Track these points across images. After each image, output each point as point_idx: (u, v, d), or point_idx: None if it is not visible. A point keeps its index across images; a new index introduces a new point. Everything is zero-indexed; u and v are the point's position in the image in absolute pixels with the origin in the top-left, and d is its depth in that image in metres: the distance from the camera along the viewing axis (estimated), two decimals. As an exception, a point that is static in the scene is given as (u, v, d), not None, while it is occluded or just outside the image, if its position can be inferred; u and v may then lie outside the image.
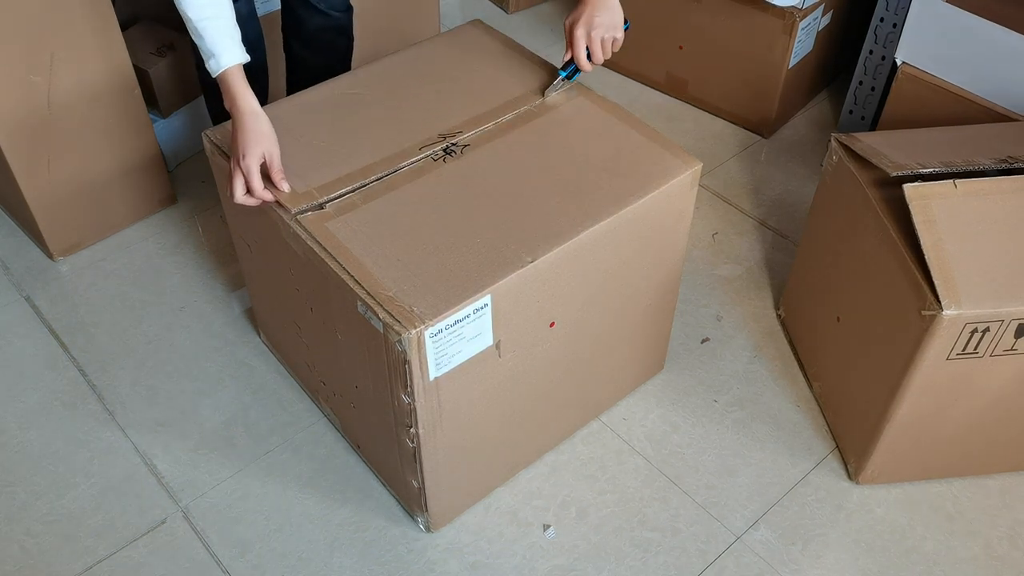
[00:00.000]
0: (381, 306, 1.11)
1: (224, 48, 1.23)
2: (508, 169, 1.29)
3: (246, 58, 1.25)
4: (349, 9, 1.69)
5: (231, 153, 1.25)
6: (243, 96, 1.24)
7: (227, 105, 1.25)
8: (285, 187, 1.25)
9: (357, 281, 1.14)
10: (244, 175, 1.23)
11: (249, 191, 1.24)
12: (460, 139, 1.32)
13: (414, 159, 1.29)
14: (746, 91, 2.11)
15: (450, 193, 1.25)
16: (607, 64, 2.32)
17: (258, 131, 1.24)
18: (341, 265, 1.16)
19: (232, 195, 1.24)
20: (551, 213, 1.23)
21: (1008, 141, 1.43)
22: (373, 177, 1.27)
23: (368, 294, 1.13)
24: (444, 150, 1.30)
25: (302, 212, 1.22)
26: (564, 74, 1.39)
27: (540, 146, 1.33)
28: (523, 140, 1.33)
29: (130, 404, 1.59)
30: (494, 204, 1.24)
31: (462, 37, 1.54)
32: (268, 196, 1.24)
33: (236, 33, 1.25)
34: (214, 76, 1.25)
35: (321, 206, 1.22)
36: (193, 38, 1.25)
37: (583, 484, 1.48)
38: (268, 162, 1.24)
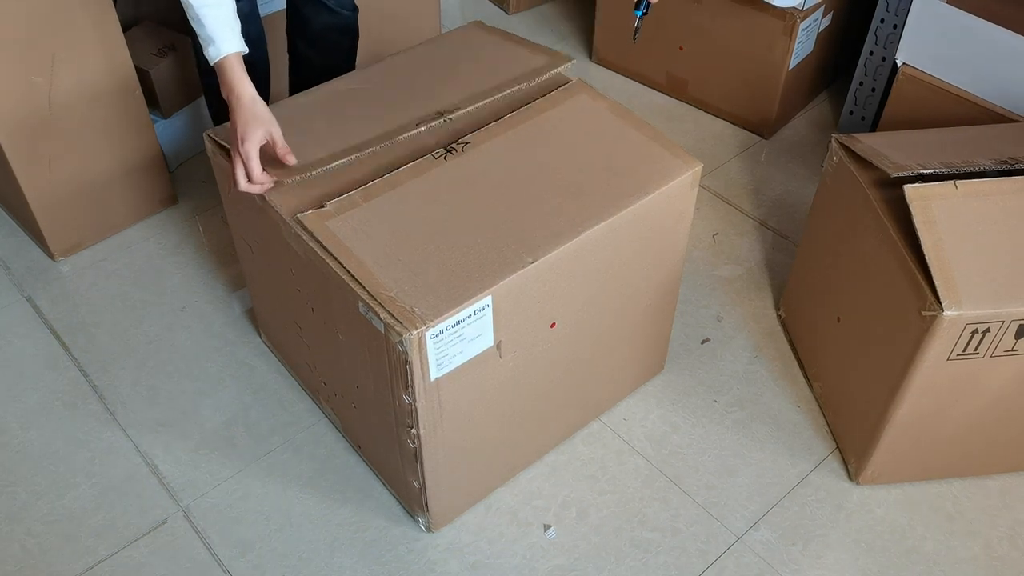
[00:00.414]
0: (382, 306, 1.12)
1: (224, 36, 1.23)
2: (509, 167, 1.29)
3: (245, 49, 1.25)
4: (356, 9, 1.69)
5: (230, 142, 1.25)
6: (241, 83, 1.24)
7: (224, 94, 1.25)
8: (291, 160, 1.24)
9: (358, 281, 1.14)
10: (243, 161, 1.22)
11: (249, 178, 1.23)
12: (457, 113, 1.31)
13: (416, 159, 1.29)
14: (746, 92, 2.12)
15: (451, 191, 1.25)
16: (607, 65, 2.32)
17: (256, 115, 1.23)
18: (342, 265, 1.16)
19: (235, 184, 1.24)
20: (551, 213, 1.23)
21: (1008, 142, 1.43)
22: (373, 175, 1.27)
23: (369, 295, 1.13)
24: (445, 148, 1.30)
25: (303, 211, 1.22)
26: (640, 12, 1.51)
27: (541, 144, 1.33)
28: (524, 138, 1.33)
29: (131, 404, 1.59)
30: (495, 203, 1.24)
31: (463, 37, 1.54)
32: (268, 180, 1.24)
33: (236, 24, 1.25)
34: (212, 63, 1.24)
35: (321, 204, 1.22)
36: (193, 25, 1.24)
37: (583, 484, 1.48)
38: (272, 141, 1.24)
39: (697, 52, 2.15)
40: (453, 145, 1.30)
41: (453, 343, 1.14)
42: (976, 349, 1.26)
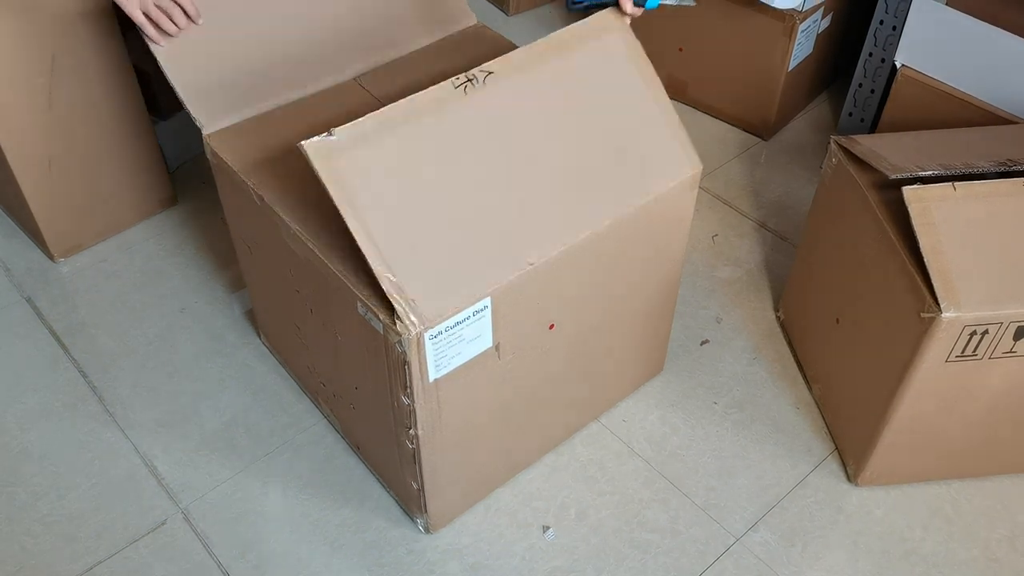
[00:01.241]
0: (381, 307, 1.11)
1: None
2: (524, 122, 1.18)
3: None
4: None
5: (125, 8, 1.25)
6: None
7: None
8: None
9: (357, 282, 1.14)
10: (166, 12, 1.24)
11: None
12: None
13: (436, 82, 1.16)
14: (746, 93, 2.12)
15: (464, 143, 1.15)
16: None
17: None
18: (340, 267, 1.16)
19: (154, 37, 1.26)
20: (553, 203, 1.20)
21: (1007, 143, 1.43)
22: (387, 97, 1.18)
23: (368, 295, 1.13)
24: (467, 76, 1.16)
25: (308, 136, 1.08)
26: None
27: (560, 97, 1.22)
28: (544, 82, 1.21)
29: (131, 405, 1.59)
30: (503, 177, 1.17)
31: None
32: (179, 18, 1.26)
33: None
34: None
35: (329, 131, 1.07)
36: None
37: (583, 485, 1.48)
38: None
39: (696, 53, 2.15)
40: (475, 73, 1.16)
41: (452, 344, 1.14)
42: (975, 351, 1.26)
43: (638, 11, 1.32)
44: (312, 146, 1.06)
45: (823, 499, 1.47)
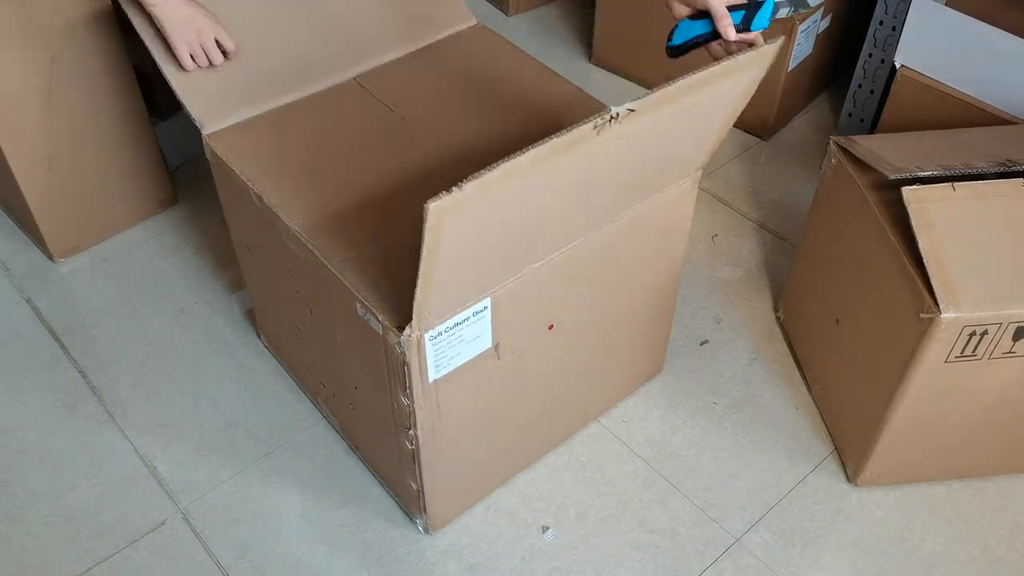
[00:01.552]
0: (380, 308, 1.12)
1: None
2: (617, 163, 1.13)
3: None
4: None
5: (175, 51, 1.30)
6: None
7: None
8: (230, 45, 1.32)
9: (356, 283, 1.14)
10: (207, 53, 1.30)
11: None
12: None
13: (585, 122, 1.01)
14: (746, 93, 2.11)
15: (554, 195, 1.09)
16: (606, 67, 2.32)
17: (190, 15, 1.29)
18: (341, 273, 1.16)
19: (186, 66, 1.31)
20: (562, 215, 1.17)
21: (1007, 144, 1.43)
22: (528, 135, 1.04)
23: (367, 296, 1.13)
24: (611, 115, 1.02)
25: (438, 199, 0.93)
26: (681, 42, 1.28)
27: (656, 140, 1.15)
28: (659, 123, 1.13)
29: (130, 405, 1.59)
30: (553, 214, 1.13)
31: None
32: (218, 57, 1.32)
33: None
34: None
35: (460, 185, 0.93)
36: None
37: (582, 486, 1.48)
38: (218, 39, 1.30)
39: (696, 53, 2.14)
40: (621, 111, 1.03)
41: (452, 345, 1.14)
42: (974, 351, 1.26)
43: (749, 36, 1.16)
44: (439, 207, 0.92)
45: (823, 499, 1.47)
